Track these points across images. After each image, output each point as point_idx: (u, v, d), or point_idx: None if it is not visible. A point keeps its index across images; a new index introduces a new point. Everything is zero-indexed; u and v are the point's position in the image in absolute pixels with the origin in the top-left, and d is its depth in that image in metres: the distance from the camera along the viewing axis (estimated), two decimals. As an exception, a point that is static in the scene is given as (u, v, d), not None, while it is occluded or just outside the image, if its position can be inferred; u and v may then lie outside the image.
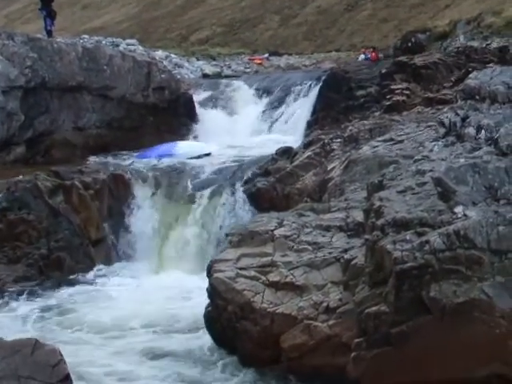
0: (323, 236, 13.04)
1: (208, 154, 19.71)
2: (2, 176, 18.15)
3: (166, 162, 19.47)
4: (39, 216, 17.00)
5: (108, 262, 17.28)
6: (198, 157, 19.73)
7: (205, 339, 13.02)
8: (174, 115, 23.07)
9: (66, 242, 16.93)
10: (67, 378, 10.36)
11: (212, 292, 12.58)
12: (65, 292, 15.93)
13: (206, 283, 12.92)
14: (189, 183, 18.29)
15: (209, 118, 22.63)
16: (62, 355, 10.51)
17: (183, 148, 20.08)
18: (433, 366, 10.34)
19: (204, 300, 13.01)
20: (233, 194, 17.38)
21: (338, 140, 17.47)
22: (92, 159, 20.16)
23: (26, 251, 16.70)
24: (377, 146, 15.45)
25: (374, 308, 10.82)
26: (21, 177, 17.67)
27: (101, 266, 17.07)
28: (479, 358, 10.23)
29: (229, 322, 12.29)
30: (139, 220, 17.79)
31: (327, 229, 13.21)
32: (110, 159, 20.20)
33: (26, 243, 16.78)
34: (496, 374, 10.26)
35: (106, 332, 13.86)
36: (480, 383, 10.26)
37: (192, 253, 16.83)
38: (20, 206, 17.06)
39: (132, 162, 19.65)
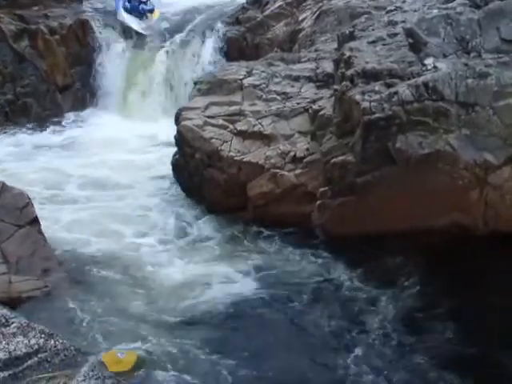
0: (292, 86, 12.98)
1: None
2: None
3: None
4: (4, 61, 16.65)
5: (75, 108, 17.11)
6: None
7: (172, 187, 13.11)
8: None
9: (33, 87, 16.68)
10: (35, 220, 10.47)
11: (180, 140, 12.56)
12: (31, 138, 15.82)
13: (172, 131, 12.89)
14: (157, 31, 17.91)
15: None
16: (29, 198, 10.58)
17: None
18: (395, 215, 10.53)
19: (171, 147, 13.05)
20: (202, 42, 17.08)
21: (311, -10, 17.10)
22: (57, 4, 19.50)
23: (-8, 96, 16.46)
24: (349, -3, 15.17)
25: (340, 158, 10.93)
26: (-16, 19, 17.17)
27: (68, 113, 16.92)
28: (441, 207, 10.46)
29: (196, 169, 12.35)
30: (106, 67, 17.50)
31: (296, 79, 13.14)
32: (75, 5, 19.55)
33: (-8, 88, 16.53)
34: (456, 222, 10.54)
35: (76, 179, 13.81)
36: (440, 232, 10.53)
37: (159, 100, 16.68)
38: (-16, 50, 16.68)
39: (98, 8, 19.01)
